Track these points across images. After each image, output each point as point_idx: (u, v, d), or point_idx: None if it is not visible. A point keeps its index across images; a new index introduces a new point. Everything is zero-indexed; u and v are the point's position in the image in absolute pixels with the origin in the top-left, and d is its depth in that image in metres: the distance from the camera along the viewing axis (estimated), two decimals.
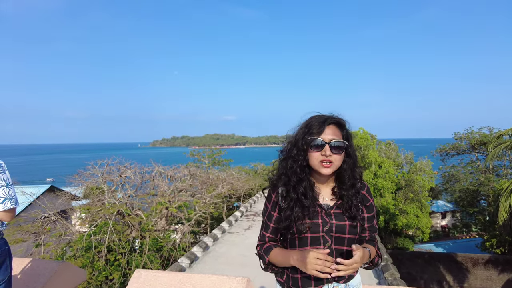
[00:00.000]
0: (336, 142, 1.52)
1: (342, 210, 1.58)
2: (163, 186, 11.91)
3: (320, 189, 1.62)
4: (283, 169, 1.63)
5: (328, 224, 1.54)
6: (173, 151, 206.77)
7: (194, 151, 25.21)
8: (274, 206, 1.64)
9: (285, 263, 1.53)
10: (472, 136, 24.65)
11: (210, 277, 1.40)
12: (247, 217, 13.54)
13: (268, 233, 1.68)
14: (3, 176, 2.11)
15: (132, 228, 9.64)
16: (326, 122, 1.55)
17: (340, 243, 1.55)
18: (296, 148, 1.59)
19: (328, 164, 1.52)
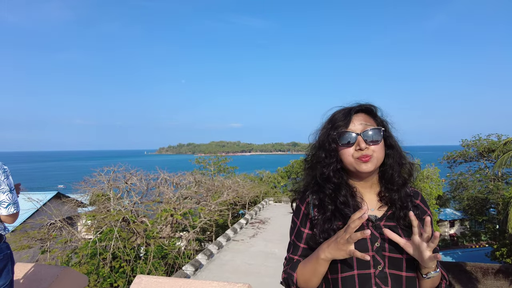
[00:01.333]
0: (370, 131, 1.21)
1: (395, 222, 1.22)
2: (169, 193, 11.93)
3: (363, 196, 1.28)
4: (311, 177, 1.32)
5: (379, 240, 1.18)
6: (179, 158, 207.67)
7: (200, 158, 25.31)
8: (304, 221, 1.30)
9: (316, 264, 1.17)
10: (480, 143, 24.38)
11: (211, 283, 1.38)
12: (252, 225, 13.48)
13: (297, 255, 1.30)
14: (7, 181, 2.15)
15: (137, 235, 9.64)
16: (352, 110, 1.26)
17: (396, 266, 1.17)
18: (323, 151, 1.28)
19: (366, 159, 1.19)
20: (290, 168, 28.70)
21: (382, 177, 1.30)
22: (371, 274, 1.16)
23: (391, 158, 1.27)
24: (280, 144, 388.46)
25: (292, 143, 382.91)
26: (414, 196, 1.29)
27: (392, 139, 1.29)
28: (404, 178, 1.27)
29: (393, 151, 1.28)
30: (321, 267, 1.17)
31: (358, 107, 1.28)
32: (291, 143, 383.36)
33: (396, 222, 1.22)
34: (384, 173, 1.28)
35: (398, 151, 1.29)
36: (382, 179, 1.29)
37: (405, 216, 1.21)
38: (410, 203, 1.24)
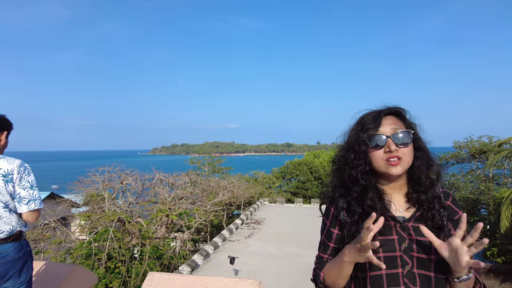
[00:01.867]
0: (400, 133, 1.22)
1: (423, 223, 1.22)
2: (164, 194, 11.90)
3: (392, 198, 1.29)
4: (339, 180, 1.33)
5: (407, 240, 1.20)
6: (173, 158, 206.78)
7: (194, 159, 25.24)
8: (334, 222, 1.33)
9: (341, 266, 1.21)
10: (472, 145, 24.71)
11: (223, 279, 1.40)
12: (248, 225, 13.50)
13: (327, 254, 1.33)
14: (28, 178, 2.17)
15: (133, 235, 9.60)
16: (382, 113, 1.27)
17: (424, 266, 1.18)
18: (352, 152, 1.29)
19: (396, 162, 1.20)
20: (285, 169, 28.76)
21: (410, 179, 1.30)
22: (399, 274, 1.18)
23: (419, 160, 1.28)
24: (274, 145, 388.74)
25: (286, 143, 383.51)
26: (445, 197, 1.31)
27: (420, 141, 1.30)
28: (432, 180, 1.28)
29: (421, 153, 1.29)
30: (346, 269, 1.20)
31: (388, 110, 1.29)
32: (285, 143, 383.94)
33: (424, 223, 1.22)
34: (412, 174, 1.29)
35: (426, 153, 1.30)
36: (410, 180, 1.30)
37: (433, 217, 1.23)
38: (437, 204, 1.25)
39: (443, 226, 1.22)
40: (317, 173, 26.81)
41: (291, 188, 27.33)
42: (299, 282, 7.55)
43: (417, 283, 1.17)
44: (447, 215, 1.26)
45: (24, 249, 2.19)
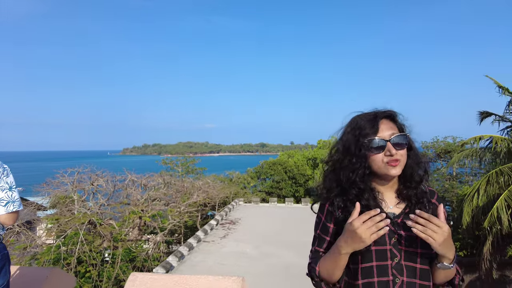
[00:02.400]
0: (397, 137, 1.31)
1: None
2: (136, 195, 11.64)
3: (383, 195, 1.38)
4: (335, 181, 1.39)
5: (396, 235, 1.30)
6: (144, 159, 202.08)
7: (167, 159, 24.80)
8: (329, 217, 1.40)
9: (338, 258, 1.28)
10: (438, 145, 25.89)
11: (206, 277, 1.40)
12: (223, 226, 13.46)
13: (323, 248, 1.40)
14: (6, 179, 2.10)
15: (104, 238, 9.33)
16: (378, 117, 1.35)
17: (411, 258, 1.28)
18: (350, 156, 1.34)
19: (395, 163, 1.29)
20: (260, 169, 28.89)
21: (401, 176, 1.38)
22: (388, 265, 1.28)
23: (411, 159, 1.37)
24: (248, 145, 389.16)
25: (260, 144, 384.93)
26: (431, 195, 1.40)
27: (411, 141, 1.39)
28: (421, 176, 1.37)
29: (412, 152, 1.38)
30: (342, 261, 1.28)
31: (383, 114, 1.37)
32: (260, 144, 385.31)
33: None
34: (405, 172, 1.36)
35: (416, 151, 1.40)
36: (402, 177, 1.38)
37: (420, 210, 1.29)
38: (425, 199, 1.36)
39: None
40: (291, 173, 27.14)
41: (266, 187, 27.50)
42: (275, 281, 7.62)
43: (404, 273, 1.28)
44: (432, 212, 1.33)
45: (2, 252, 2.11)
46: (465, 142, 11.34)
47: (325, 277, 1.35)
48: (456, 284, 1.35)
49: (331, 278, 1.34)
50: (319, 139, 32.83)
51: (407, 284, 1.28)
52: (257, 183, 28.96)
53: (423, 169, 1.39)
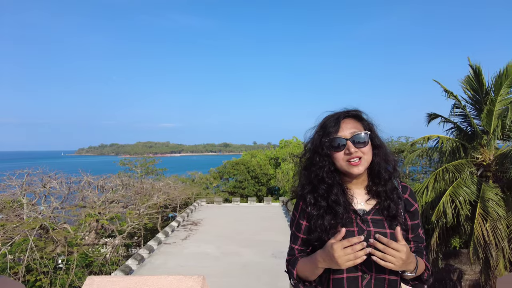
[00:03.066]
0: (358, 135, 1.33)
1: (381, 215, 1.37)
2: (93, 197, 11.16)
3: (354, 192, 1.42)
4: (307, 178, 1.44)
5: (365, 232, 1.33)
6: (101, 160, 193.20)
7: (125, 160, 23.99)
8: (302, 214, 1.44)
9: (315, 269, 1.32)
10: (392, 145, 27.29)
11: (167, 277, 1.40)
12: (184, 227, 13.26)
13: (297, 245, 1.46)
14: None
15: (57, 243, 8.85)
16: (340, 117, 1.38)
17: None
18: (317, 155, 1.39)
19: (357, 162, 1.32)
20: (223, 169, 28.78)
21: (370, 173, 1.43)
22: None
23: (378, 157, 1.40)
24: (211, 145, 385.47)
25: (223, 144, 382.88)
26: (403, 191, 1.45)
27: (378, 139, 1.42)
28: (390, 173, 1.41)
29: (379, 150, 1.41)
30: (319, 271, 1.33)
31: (346, 113, 1.41)
32: (223, 144, 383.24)
33: (381, 215, 1.37)
34: (372, 169, 1.41)
35: (384, 149, 1.43)
36: (370, 174, 1.43)
37: (388, 207, 1.37)
38: (395, 195, 1.40)
39: (397, 215, 1.36)
40: (254, 172, 27.31)
41: (229, 187, 27.45)
42: (236, 280, 7.66)
43: (373, 269, 1.32)
44: (404, 207, 1.42)
45: None
46: (415, 142, 12.07)
47: (302, 278, 1.41)
48: (425, 278, 1.39)
49: (307, 279, 1.40)
50: (281, 139, 33.35)
51: (376, 279, 1.33)
52: (220, 183, 28.83)
53: (392, 167, 1.42)
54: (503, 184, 9.32)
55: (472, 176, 9.47)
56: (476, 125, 9.75)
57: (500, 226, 8.43)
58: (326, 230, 1.34)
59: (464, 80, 9.82)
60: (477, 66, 9.38)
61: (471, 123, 9.90)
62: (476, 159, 9.80)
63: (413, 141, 12.75)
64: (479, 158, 9.74)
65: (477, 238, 8.59)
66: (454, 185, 9.22)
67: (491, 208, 8.49)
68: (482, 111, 9.37)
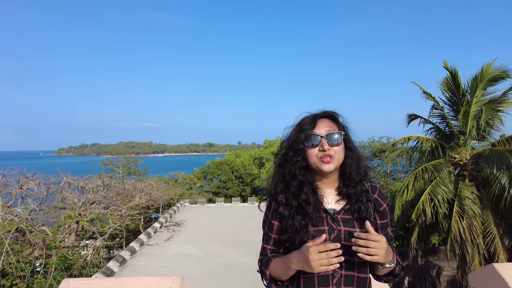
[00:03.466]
0: (333, 134, 1.38)
1: (351, 215, 1.41)
2: (73, 198, 10.90)
3: (324, 192, 1.46)
4: (280, 175, 1.48)
5: (336, 231, 1.37)
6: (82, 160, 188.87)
7: (107, 160, 23.51)
8: (274, 214, 1.47)
9: (288, 270, 1.35)
10: (374, 145, 27.80)
11: (145, 278, 1.39)
12: (167, 228, 13.13)
13: (270, 245, 1.49)
14: None
15: (35, 246, 8.60)
16: (318, 116, 1.44)
17: (349, 253, 1.32)
18: (291, 150, 1.44)
19: (328, 159, 1.37)
20: (207, 169, 28.62)
21: (341, 175, 1.48)
22: None
23: (350, 159, 1.45)
24: (195, 145, 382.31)
25: (208, 143, 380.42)
26: (372, 191, 1.49)
27: (351, 142, 1.48)
28: (361, 176, 1.46)
29: (351, 153, 1.46)
30: (291, 272, 1.36)
31: (323, 113, 1.47)
32: (207, 143, 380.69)
33: (351, 215, 1.42)
34: (343, 171, 1.46)
35: (356, 153, 1.48)
36: (342, 176, 1.48)
37: (359, 209, 1.41)
38: (365, 198, 1.44)
39: (368, 217, 1.41)
40: (238, 172, 27.29)
41: (213, 188, 27.32)
42: (217, 280, 7.65)
43: (343, 267, 1.36)
44: (374, 207, 1.46)
45: None
46: (396, 142, 12.35)
47: (275, 278, 1.44)
48: (397, 273, 1.43)
49: (279, 279, 1.43)
50: (265, 139, 33.44)
51: (346, 277, 1.37)
52: (203, 183, 28.65)
53: (363, 170, 1.47)
54: (478, 182, 9.65)
55: (450, 175, 9.77)
56: (454, 126, 10.07)
57: (475, 223, 8.73)
58: (296, 231, 1.37)
59: (442, 82, 10.13)
60: (454, 68, 9.68)
61: (449, 123, 10.21)
62: (454, 158, 10.11)
63: (394, 141, 13.04)
64: (456, 158, 10.05)
65: (454, 235, 8.87)
66: (433, 184, 9.49)
67: (467, 206, 8.78)
68: (459, 112, 9.68)
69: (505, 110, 9.45)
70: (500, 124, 9.68)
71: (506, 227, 9.25)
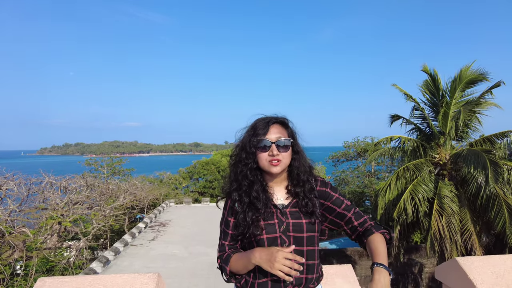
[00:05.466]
0: (282, 141, 1.52)
1: (298, 208, 1.55)
2: (55, 199, 10.72)
3: (274, 190, 1.60)
4: (234, 175, 1.61)
5: (284, 223, 1.50)
6: (65, 160, 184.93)
7: (91, 160, 23.11)
8: (230, 212, 1.60)
9: (247, 264, 1.46)
10: (358, 145, 28.19)
11: (121, 276, 1.41)
12: (152, 228, 13.05)
13: (227, 241, 1.61)
14: None
15: (15, 248, 8.43)
16: (270, 122, 1.56)
17: (299, 242, 1.49)
18: (244, 152, 1.56)
19: (276, 163, 1.50)
20: (193, 169, 28.47)
21: (289, 175, 1.62)
22: None
23: (297, 161, 1.60)
24: (181, 144, 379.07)
25: (194, 143, 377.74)
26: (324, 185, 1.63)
27: (298, 146, 1.62)
28: (307, 176, 1.61)
29: (298, 156, 1.60)
30: (251, 266, 1.46)
31: (275, 119, 1.59)
32: (193, 143, 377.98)
33: (298, 209, 1.55)
34: (291, 172, 1.61)
35: (302, 156, 1.63)
36: (290, 176, 1.62)
37: (306, 205, 1.54)
38: (312, 195, 1.58)
39: (314, 212, 1.54)
40: (224, 172, 27.24)
41: (199, 187, 27.22)
42: (201, 280, 7.66)
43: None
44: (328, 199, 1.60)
45: None
46: (379, 142, 12.57)
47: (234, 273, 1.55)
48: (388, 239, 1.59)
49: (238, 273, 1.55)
50: None
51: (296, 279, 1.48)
52: (189, 183, 28.50)
53: (308, 171, 1.62)
54: (457, 181, 9.92)
55: (430, 175, 10.01)
56: (434, 126, 10.32)
57: (454, 221, 8.98)
58: (248, 225, 1.49)
59: (423, 84, 10.37)
60: (434, 70, 9.93)
61: (429, 124, 10.46)
62: (434, 158, 10.36)
63: (377, 141, 13.26)
64: (436, 158, 10.31)
65: (433, 233, 9.11)
66: (414, 183, 9.70)
67: (446, 204, 9.02)
68: (439, 113, 9.93)
69: (482, 111, 9.75)
70: (478, 125, 9.97)
71: (483, 224, 9.54)
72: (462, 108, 9.28)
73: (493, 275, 1.72)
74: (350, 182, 28.26)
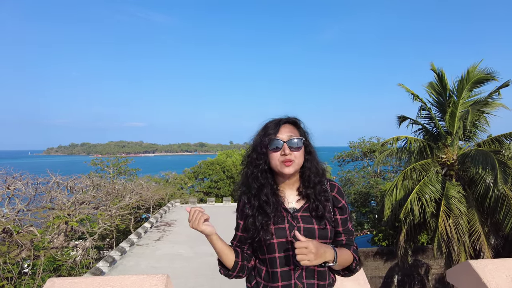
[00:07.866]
0: (294, 140, 1.48)
1: (309, 213, 1.51)
2: (62, 198, 10.80)
3: (285, 193, 1.56)
4: (245, 177, 1.59)
5: (295, 227, 1.47)
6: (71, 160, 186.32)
7: (97, 160, 23.25)
8: (240, 214, 1.60)
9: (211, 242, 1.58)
10: (364, 145, 28.06)
11: (130, 277, 1.41)
12: (158, 228, 13.09)
13: (236, 241, 1.64)
14: None
15: (23, 247, 8.50)
16: (281, 122, 1.54)
17: None
18: (255, 153, 1.54)
19: (289, 163, 1.46)
20: (198, 169, 28.53)
21: (301, 176, 1.58)
22: (290, 256, 1.46)
23: (309, 162, 1.56)
24: (187, 144, 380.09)
25: (199, 143, 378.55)
26: (331, 189, 1.59)
27: (311, 147, 1.59)
28: (319, 176, 1.57)
29: (311, 157, 1.57)
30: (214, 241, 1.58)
31: (286, 120, 1.57)
32: (198, 143, 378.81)
33: (310, 213, 1.51)
34: (303, 173, 1.57)
35: (315, 157, 1.60)
36: (301, 178, 1.58)
37: (317, 208, 1.50)
38: (323, 198, 1.54)
39: (323, 215, 1.50)
40: (229, 172, 27.27)
41: (204, 188, 27.25)
42: (207, 280, 7.66)
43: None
44: (333, 204, 1.56)
45: None
46: (386, 142, 12.49)
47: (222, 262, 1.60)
48: (353, 268, 1.55)
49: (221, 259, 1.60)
50: None
51: (307, 271, 1.48)
52: (194, 183, 28.55)
53: (321, 172, 1.59)
54: (464, 182, 9.83)
55: (437, 175, 9.92)
56: (441, 127, 10.23)
57: (461, 222, 8.89)
58: (258, 230, 1.48)
59: (428, 84, 10.28)
60: (441, 70, 9.84)
61: (436, 124, 10.37)
62: (441, 158, 10.27)
63: (384, 142, 13.18)
64: (443, 158, 10.22)
65: (441, 234, 9.02)
66: (421, 184, 9.62)
67: (453, 205, 8.94)
68: (446, 113, 9.84)
69: (490, 111, 9.65)
70: (485, 125, 9.87)
71: (491, 226, 9.44)
72: (470, 108, 9.18)
73: (507, 279, 1.69)
74: (356, 182, 28.11)
